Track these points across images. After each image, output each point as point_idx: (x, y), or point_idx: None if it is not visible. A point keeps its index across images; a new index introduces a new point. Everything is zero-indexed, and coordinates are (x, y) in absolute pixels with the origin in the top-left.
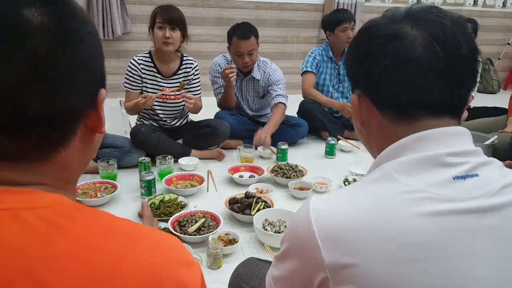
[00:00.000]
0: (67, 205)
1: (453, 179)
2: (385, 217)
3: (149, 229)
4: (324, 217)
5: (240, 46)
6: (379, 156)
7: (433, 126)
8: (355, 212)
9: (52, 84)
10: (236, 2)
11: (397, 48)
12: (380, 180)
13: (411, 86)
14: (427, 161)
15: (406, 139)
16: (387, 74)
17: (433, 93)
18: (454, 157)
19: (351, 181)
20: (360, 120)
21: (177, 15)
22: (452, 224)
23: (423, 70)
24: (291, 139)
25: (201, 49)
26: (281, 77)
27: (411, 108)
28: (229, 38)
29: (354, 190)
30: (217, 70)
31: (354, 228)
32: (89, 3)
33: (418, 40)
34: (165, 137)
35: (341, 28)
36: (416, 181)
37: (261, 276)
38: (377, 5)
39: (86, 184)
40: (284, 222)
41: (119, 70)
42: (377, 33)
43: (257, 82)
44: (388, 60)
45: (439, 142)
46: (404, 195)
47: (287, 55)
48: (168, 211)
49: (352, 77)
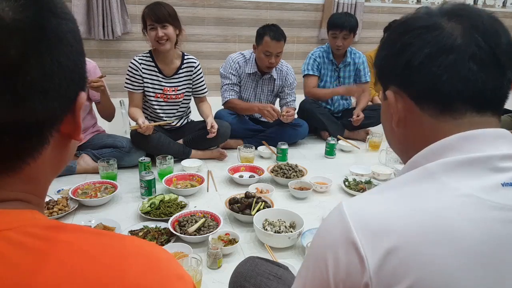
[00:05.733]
0: (41, 224)
1: (501, 185)
2: (431, 218)
3: (135, 244)
4: (361, 211)
5: (271, 46)
6: (417, 155)
7: (478, 123)
8: (394, 209)
9: (24, 91)
10: (236, 2)
11: (438, 37)
12: (421, 181)
13: (455, 74)
14: (476, 163)
15: (452, 138)
16: (428, 63)
17: (476, 83)
18: (505, 162)
19: (351, 181)
20: (396, 118)
21: (164, 12)
22: (504, 233)
23: (465, 59)
24: (291, 139)
25: (201, 49)
26: (294, 78)
27: (455, 101)
28: (260, 37)
29: (389, 189)
30: (235, 68)
31: (394, 223)
32: (89, 3)
33: (457, 30)
34: (165, 137)
35: (331, 34)
36: (463, 184)
37: (262, 274)
38: (377, 5)
39: (86, 184)
40: (284, 222)
41: (119, 70)
42: (414, 25)
43: (274, 81)
44: (429, 48)
45: (488, 143)
46: (451, 199)
47: (287, 55)
48: (168, 211)
49: (386, 74)
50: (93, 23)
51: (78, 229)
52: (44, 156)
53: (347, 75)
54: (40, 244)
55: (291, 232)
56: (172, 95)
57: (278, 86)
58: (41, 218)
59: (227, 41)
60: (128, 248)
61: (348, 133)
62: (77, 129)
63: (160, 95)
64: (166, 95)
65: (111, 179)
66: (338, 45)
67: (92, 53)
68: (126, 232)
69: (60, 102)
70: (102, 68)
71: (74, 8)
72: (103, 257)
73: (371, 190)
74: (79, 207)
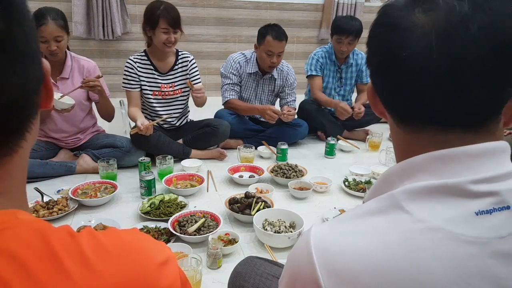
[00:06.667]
0: (24, 224)
1: (475, 214)
2: (396, 260)
3: (114, 238)
4: (326, 247)
5: (273, 46)
6: (391, 170)
7: (446, 141)
8: (361, 247)
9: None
10: (235, 2)
11: (390, 41)
12: (388, 211)
13: (401, 89)
14: (446, 191)
15: (422, 157)
16: (379, 70)
17: (429, 100)
18: (480, 185)
19: (351, 181)
20: (376, 111)
21: (178, 17)
22: (473, 271)
23: (415, 71)
24: (291, 139)
25: (201, 49)
26: (295, 78)
27: (406, 115)
28: (262, 36)
29: (358, 218)
30: (235, 67)
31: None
32: (89, 3)
33: (416, 32)
34: (165, 137)
35: (336, 38)
36: (432, 216)
37: (261, 274)
38: (377, 5)
39: (86, 184)
40: (284, 222)
41: (119, 70)
42: (380, 20)
43: (274, 81)
44: (379, 55)
45: (462, 165)
46: (418, 235)
47: (287, 55)
48: (168, 211)
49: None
50: (93, 23)
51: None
52: (29, 138)
53: (349, 75)
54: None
55: (291, 232)
56: (169, 91)
57: (278, 86)
58: (24, 218)
59: (227, 41)
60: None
61: (348, 133)
62: (50, 93)
63: (157, 92)
64: (164, 92)
65: (111, 179)
66: (343, 50)
67: (92, 53)
68: None
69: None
70: (102, 68)
71: (74, 8)
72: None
73: (341, 216)
74: (79, 207)
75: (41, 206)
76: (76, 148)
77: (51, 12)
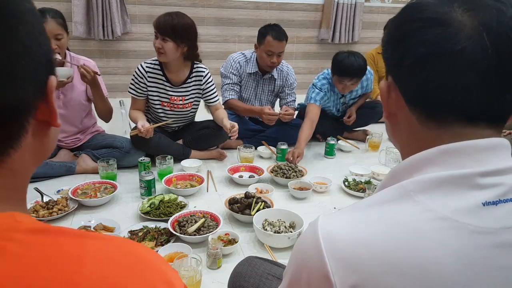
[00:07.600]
0: (22, 226)
1: (482, 205)
2: (403, 248)
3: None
4: (335, 235)
5: (273, 46)
6: (399, 166)
7: (467, 135)
8: (369, 234)
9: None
10: (235, 2)
11: (437, 36)
12: (398, 200)
13: (444, 84)
14: (454, 182)
15: (431, 151)
16: (419, 66)
17: (470, 96)
18: (486, 178)
19: (351, 181)
20: (387, 112)
21: (168, 24)
22: (479, 261)
23: (463, 67)
24: (291, 139)
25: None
26: (295, 78)
27: (440, 111)
28: (262, 36)
29: (368, 207)
30: (235, 67)
31: (365, 256)
32: (89, 3)
33: (465, 29)
34: (165, 137)
35: (338, 79)
36: (440, 206)
37: (261, 274)
38: (377, 5)
39: (86, 184)
40: (284, 222)
41: (119, 70)
42: (417, 15)
43: (274, 81)
44: (423, 49)
45: (470, 158)
46: (426, 224)
47: (287, 55)
48: (168, 211)
49: (385, 60)
50: (93, 23)
51: (63, 231)
52: (24, 146)
53: (352, 96)
54: (21, 250)
55: (290, 232)
56: (179, 104)
57: (278, 86)
58: (23, 221)
59: (227, 41)
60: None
61: (348, 134)
62: (53, 115)
63: (166, 104)
64: (173, 104)
65: (110, 179)
66: (346, 91)
67: (92, 53)
68: (126, 232)
69: (31, 86)
70: (101, 68)
71: (74, 8)
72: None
73: (347, 207)
74: (79, 207)
75: (41, 206)
76: (76, 148)
77: (50, 11)
